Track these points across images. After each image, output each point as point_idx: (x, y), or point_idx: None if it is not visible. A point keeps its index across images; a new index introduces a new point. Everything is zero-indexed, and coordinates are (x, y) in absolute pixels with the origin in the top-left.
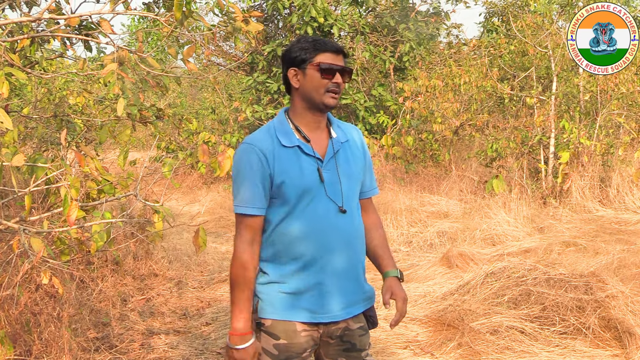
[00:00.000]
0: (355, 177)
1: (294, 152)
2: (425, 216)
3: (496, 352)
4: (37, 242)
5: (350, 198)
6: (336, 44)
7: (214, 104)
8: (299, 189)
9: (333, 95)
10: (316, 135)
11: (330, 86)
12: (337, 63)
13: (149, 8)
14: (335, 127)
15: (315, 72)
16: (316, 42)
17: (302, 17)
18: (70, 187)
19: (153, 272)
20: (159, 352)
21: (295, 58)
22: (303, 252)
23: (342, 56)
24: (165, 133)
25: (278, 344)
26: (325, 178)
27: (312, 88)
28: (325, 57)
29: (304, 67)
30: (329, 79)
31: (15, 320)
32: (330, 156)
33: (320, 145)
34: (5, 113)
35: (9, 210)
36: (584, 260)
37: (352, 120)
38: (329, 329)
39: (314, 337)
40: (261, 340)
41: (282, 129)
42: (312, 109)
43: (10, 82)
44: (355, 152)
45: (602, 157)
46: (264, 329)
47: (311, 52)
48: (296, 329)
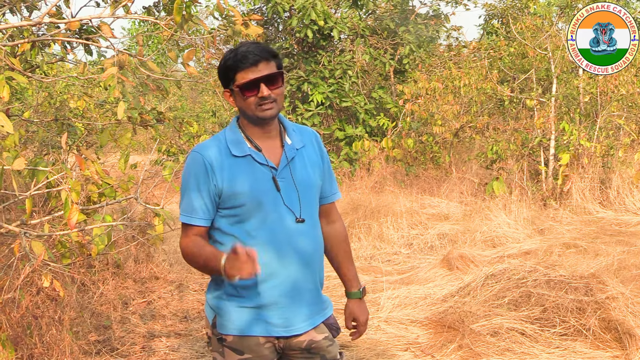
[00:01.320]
0: (313, 184)
1: (247, 161)
2: (426, 218)
3: (497, 353)
4: (38, 245)
5: (308, 206)
6: (255, 53)
7: (214, 107)
8: (254, 200)
9: (263, 107)
10: (268, 144)
11: (257, 101)
12: (260, 74)
13: (149, 12)
14: (290, 132)
15: (239, 92)
16: (235, 59)
17: (302, 20)
18: (71, 190)
19: (154, 275)
20: (160, 355)
21: (223, 79)
22: (261, 266)
23: (264, 63)
24: (166, 136)
25: (243, 359)
26: (282, 187)
27: (244, 106)
28: (245, 74)
29: (231, 88)
30: (254, 95)
31: (17, 324)
32: (284, 164)
33: (273, 154)
34: (6, 117)
35: (10, 213)
36: (584, 262)
37: (352, 123)
38: (289, 341)
39: (276, 347)
40: (225, 355)
41: (233, 138)
42: (254, 122)
43: (11, 86)
44: (313, 157)
45: (602, 158)
46: (227, 344)
47: (231, 72)
48: (259, 342)
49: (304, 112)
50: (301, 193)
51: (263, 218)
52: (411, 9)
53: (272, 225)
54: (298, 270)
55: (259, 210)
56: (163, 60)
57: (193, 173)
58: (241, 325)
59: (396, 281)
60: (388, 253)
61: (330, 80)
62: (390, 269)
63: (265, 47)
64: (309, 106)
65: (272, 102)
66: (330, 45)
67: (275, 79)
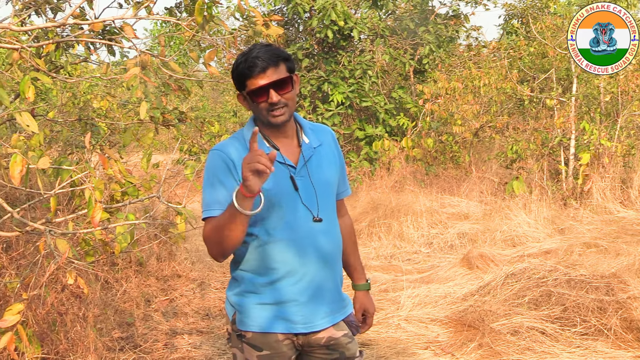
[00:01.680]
0: (330, 182)
1: None
2: (446, 218)
3: (517, 352)
4: (62, 243)
5: (326, 205)
6: (264, 59)
7: (235, 107)
8: (273, 198)
9: (274, 113)
10: (285, 143)
11: (267, 107)
12: (269, 81)
13: (171, 13)
14: (307, 131)
15: (250, 98)
16: (245, 65)
17: (322, 20)
18: (95, 189)
19: (176, 273)
20: (182, 352)
21: (236, 83)
22: (280, 264)
23: (273, 69)
24: (188, 136)
25: (262, 355)
26: (300, 186)
27: (256, 111)
28: (254, 81)
29: (244, 94)
30: (264, 100)
31: (43, 320)
32: (302, 163)
33: (291, 153)
34: (32, 117)
35: (35, 212)
36: (605, 262)
37: (372, 123)
38: (308, 338)
39: (295, 344)
40: (244, 351)
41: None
42: (268, 126)
43: (36, 86)
44: (329, 156)
45: (623, 158)
46: (246, 340)
47: (242, 79)
48: (278, 339)
49: (325, 112)
50: (319, 192)
51: (281, 217)
52: (431, 9)
53: (290, 223)
54: (317, 268)
55: (278, 209)
56: (185, 61)
57: (214, 170)
58: (261, 322)
59: (416, 280)
60: (408, 252)
61: (350, 80)
62: (410, 268)
63: (275, 51)
64: (329, 106)
65: (282, 107)
66: (350, 45)
67: (284, 83)
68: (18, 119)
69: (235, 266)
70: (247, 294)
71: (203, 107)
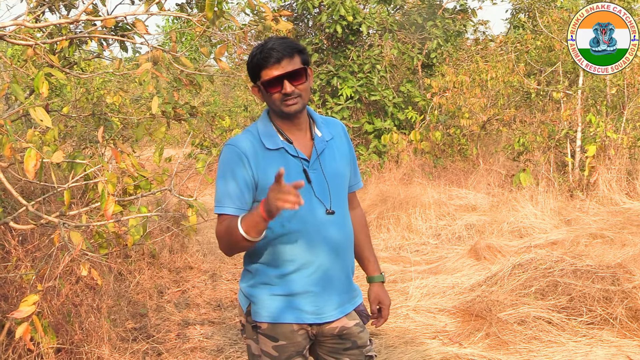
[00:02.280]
0: (342, 175)
1: (280, 154)
2: (454, 209)
3: (524, 342)
4: (76, 235)
5: (338, 198)
6: (279, 51)
7: (246, 102)
8: None
9: (288, 102)
10: (298, 136)
11: (281, 97)
12: (283, 71)
13: (182, 9)
14: (319, 125)
15: (264, 88)
16: (260, 56)
17: (331, 15)
18: (108, 182)
19: (188, 265)
20: (194, 342)
21: (251, 75)
22: (293, 256)
23: (287, 60)
24: (199, 130)
25: (277, 345)
26: (312, 179)
27: (269, 102)
28: (269, 71)
29: (258, 85)
30: (278, 91)
31: (57, 311)
32: (315, 156)
33: (304, 146)
34: (45, 112)
35: (49, 205)
36: (611, 252)
37: (381, 116)
38: (322, 328)
39: (309, 334)
40: (259, 342)
41: (265, 131)
42: (281, 117)
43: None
44: (341, 149)
45: (629, 150)
46: (261, 331)
47: (257, 69)
48: (293, 329)
49: (334, 106)
50: (331, 185)
51: (295, 210)
52: (438, 4)
53: (303, 216)
54: (329, 259)
55: None
56: (196, 56)
57: (229, 165)
58: (274, 312)
59: (424, 271)
60: (416, 243)
61: (359, 74)
62: (418, 259)
63: (290, 43)
64: (338, 100)
65: (296, 97)
66: (359, 40)
67: (298, 74)
68: (32, 114)
69: (249, 259)
70: (260, 285)
71: (214, 101)
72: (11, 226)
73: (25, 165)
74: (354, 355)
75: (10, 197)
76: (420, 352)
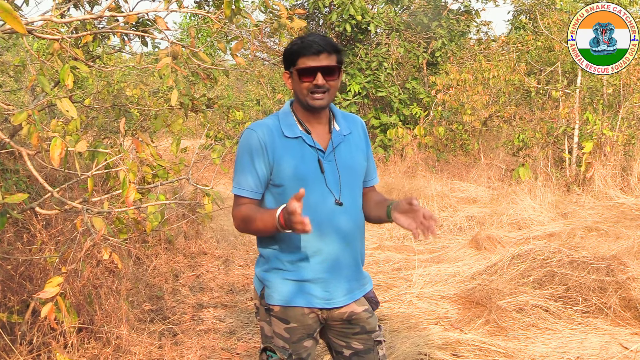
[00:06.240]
0: (356, 168)
1: (297, 142)
2: (455, 201)
3: (522, 328)
4: (98, 221)
5: (349, 189)
6: (320, 44)
7: (258, 96)
8: (301, 180)
9: (315, 96)
10: (317, 128)
11: (311, 88)
12: (319, 64)
13: (200, 6)
14: (338, 119)
15: (297, 75)
16: (301, 45)
17: (341, 15)
18: (129, 171)
19: (202, 251)
20: (207, 324)
21: (286, 61)
22: (305, 243)
23: (326, 55)
24: (214, 123)
25: (289, 327)
26: (326, 169)
27: (298, 90)
28: (306, 60)
29: (292, 71)
30: (309, 81)
31: (79, 292)
32: (330, 149)
33: (322, 138)
34: (71, 103)
35: (73, 192)
36: (606, 244)
37: (387, 112)
38: (331, 313)
39: (319, 318)
40: (272, 324)
41: (286, 121)
42: (305, 108)
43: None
44: (358, 144)
45: (623, 147)
46: (274, 314)
47: (295, 56)
48: (304, 312)
49: (342, 101)
50: (342, 176)
51: (306, 197)
52: (443, 5)
53: (314, 204)
54: (339, 247)
55: (304, 189)
56: (212, 52)
57: (247, 148)
58: (286, 296)
59: (427, 260)
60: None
61: (366, 71)
62: (421, 249)
63: (331, 41)
64: (346, 96)
65: (324, 92)
66: (367, 38)
67: (332, 70)
68: (58, 105)
69: (263, 244)
70: (273, 270)
71: (228, 95)
72: (37, 211)
73: (51, 154)
74: (362, 340)
75: (35, 184)
76: (423, 337)
